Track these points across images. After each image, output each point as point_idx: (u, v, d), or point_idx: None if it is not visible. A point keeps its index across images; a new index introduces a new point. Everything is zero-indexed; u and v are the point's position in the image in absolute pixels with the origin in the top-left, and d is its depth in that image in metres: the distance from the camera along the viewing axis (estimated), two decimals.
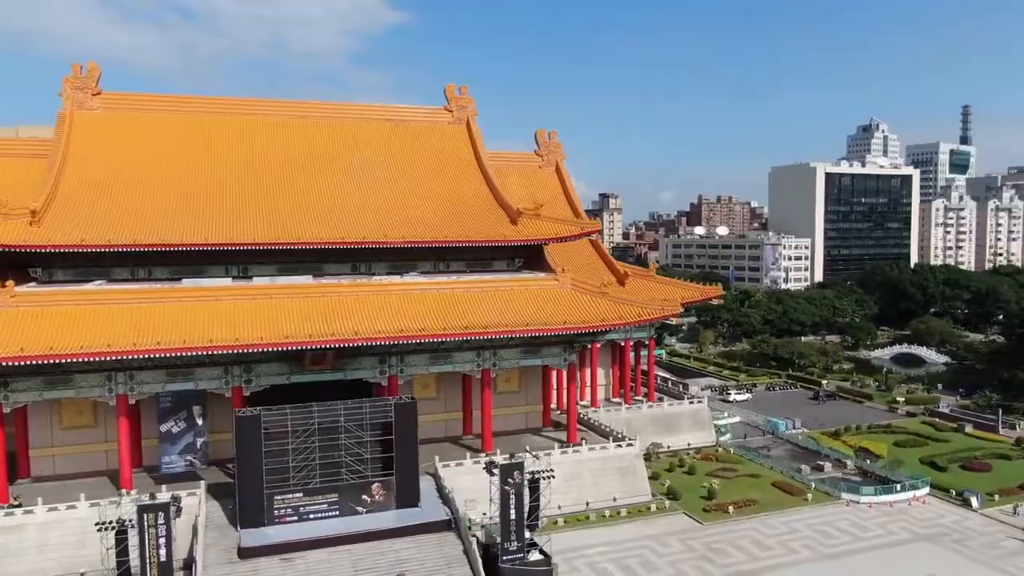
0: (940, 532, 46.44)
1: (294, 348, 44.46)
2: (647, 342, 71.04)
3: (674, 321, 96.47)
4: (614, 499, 51.69)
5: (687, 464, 59.14)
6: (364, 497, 43.36)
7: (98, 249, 49.95)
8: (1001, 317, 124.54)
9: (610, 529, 47.44)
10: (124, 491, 43.82)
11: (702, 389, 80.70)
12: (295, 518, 41.88)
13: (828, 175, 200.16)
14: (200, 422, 46.95)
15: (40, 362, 40.32)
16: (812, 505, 50.93)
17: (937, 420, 72.30)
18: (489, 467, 40.45)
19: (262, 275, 55.43)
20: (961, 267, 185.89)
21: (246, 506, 41.07)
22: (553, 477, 41.04)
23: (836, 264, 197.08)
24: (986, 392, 77.49)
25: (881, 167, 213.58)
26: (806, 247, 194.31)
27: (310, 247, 53.18)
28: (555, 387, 63.34)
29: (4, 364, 39.94)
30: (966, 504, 50.56)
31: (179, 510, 35.82)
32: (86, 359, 40.96)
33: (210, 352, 43.66)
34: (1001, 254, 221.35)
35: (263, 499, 41.31)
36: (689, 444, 65.11)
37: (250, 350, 43.64)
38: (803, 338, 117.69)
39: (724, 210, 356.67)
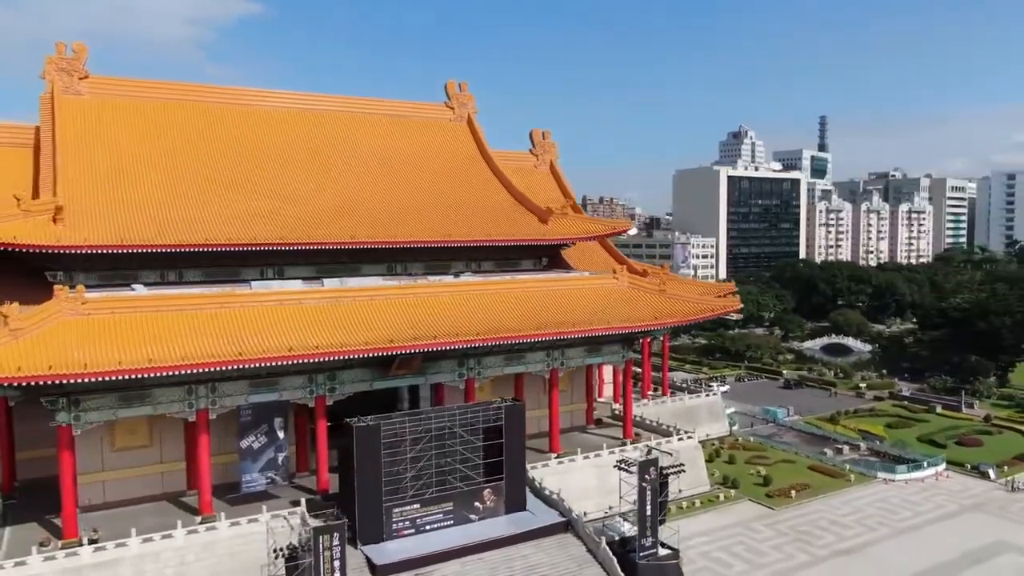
0: (979, 502, 51.37)
1: (396, 352, 42.41)
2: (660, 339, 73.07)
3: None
4: (679, 491, 52.93)
5: (723, 454, 61.60)
6: (476, 504, 42.04)
7: (145, 250, 45.40)
8: (909, 310, 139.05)
9: (694, 520, 48.71)
10: (204, 516, 40.07)
11: (680, 382, 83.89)
12: (412, 531, 39.95)
13: (729, 178, 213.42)
14: (281, 435, 43.48)
15: (127, 376, 36.08)
16: (856, 485, 54.71)
17: (906, 403, 79.50)
18: (622, 464, 40.53)
19: (296, 277, 52.31)
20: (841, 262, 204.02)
21: (365, 522, 38.69)
22: (684, 471, 41.72)
23: (737, 262, 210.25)
24: (941, 376, 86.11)
25: (775, 171, 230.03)
26: (711, 246, 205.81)
27: (398, 246, 52.78)
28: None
29: (82, 381, 35.50)
30: (984, 476, 56.20)
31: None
32: (177, 372, 37.12)
33: (301, 360, 40.77)
34: (872, 251, 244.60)
35: (382, 513, 39.13)
36: (708, 435, 67.68)
37: (353, 355, 41.15)
38: (731, 331, 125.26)
39: (606, 210, 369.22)
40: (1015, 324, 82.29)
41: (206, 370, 37.99)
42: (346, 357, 41.26)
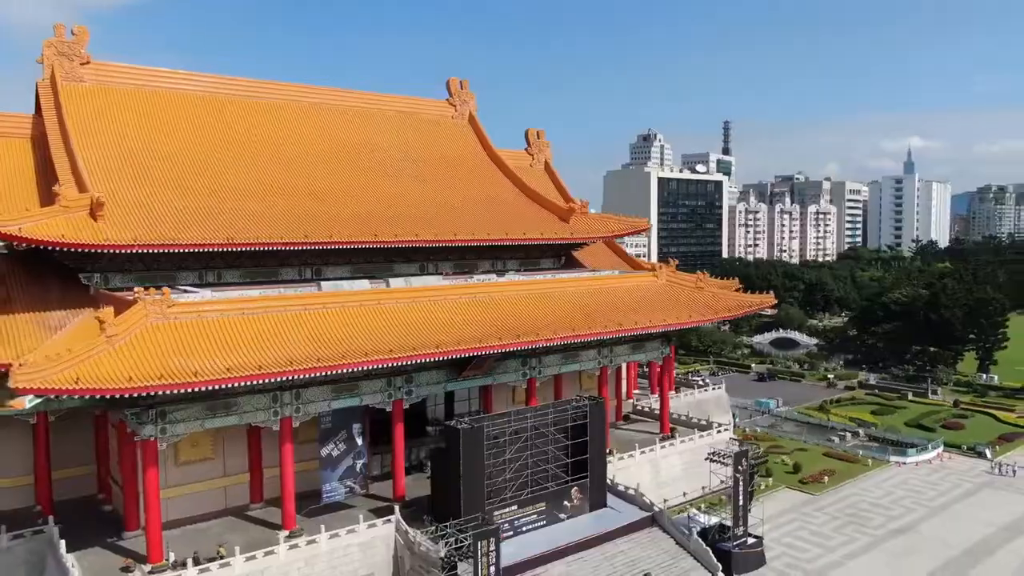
0: (988, 480, 55.78)
1: (482, 353, 41.69)
2: None
3: None
4: (721, 481, 54.62)
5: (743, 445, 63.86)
6: (565, 503, 41.96)
7: (199, 250, 42.74)
8: (836, 304, 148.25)
9: None
10: (291, 530, 38.02)
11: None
12: (512, 533, 39.37)
13: (659, 179, 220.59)
14: (360, 442, 41.69)
15: (228, 385, 33.73)
16: (874, 469, 58.14)
17: (876, 391, 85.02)
18: (714, 456, 41.52)
19: (336, 277, 50.53)
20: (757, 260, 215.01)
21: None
22: (765, 461, 43.12)
23: (666, 261, 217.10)
24: (904, 366, 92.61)
25: (701, 173, 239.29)
26: (644, 245, 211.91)
27: (451, 245, 52.24)
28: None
29: (173, 392, 32.91)
30: (980, 456, 61.05)
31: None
32: (280, 378, 35.10)
33: (387, 364, 39.35)
34: (785, 250, 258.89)
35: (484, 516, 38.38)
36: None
37: (443, 357, 40.10)
38: None
39: None
40: (965, 316, 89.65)
41: (297, 376, 36.16)
42: (425, 360, 40.19)
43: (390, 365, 39.27)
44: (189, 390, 32.66)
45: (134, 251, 40.69)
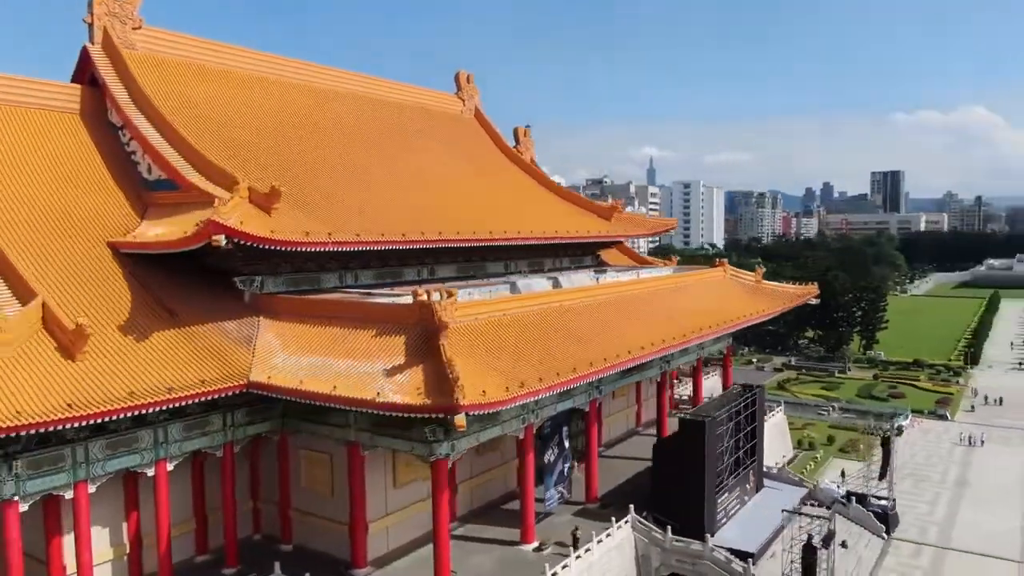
0: (973, 435, 66.62)
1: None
2: None
3: None
4: (783, 456, 59.84)
5: None
6: (747, 486, 44.07)
7: (381, 247, 38.84)
8: None
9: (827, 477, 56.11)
10: (527, 545, 36.09)
11: None
12: (725, 519, 40.70)
13: None
14: (567, 445, 40.21)
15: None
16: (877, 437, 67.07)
17: (803, 371, 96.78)
18: (885, 442, 46.25)
19: (446, 276, 48.22)
20: None
21: (704, 517, 38.48)
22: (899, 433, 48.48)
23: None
24: (817, 346, 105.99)
25: None
26: None
27: (538, 243, 51.97)
28: None
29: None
30: (942, 418, 72.93)
31: None
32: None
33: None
34: None
35: (715, 506, 39.29)
36: None
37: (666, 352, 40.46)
38: None
39: None
40: (853, 299, 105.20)
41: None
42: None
43: None
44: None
45: (326, 249, 35.92)
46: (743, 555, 36.73)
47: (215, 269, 36.57)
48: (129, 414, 27.16)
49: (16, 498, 26.35)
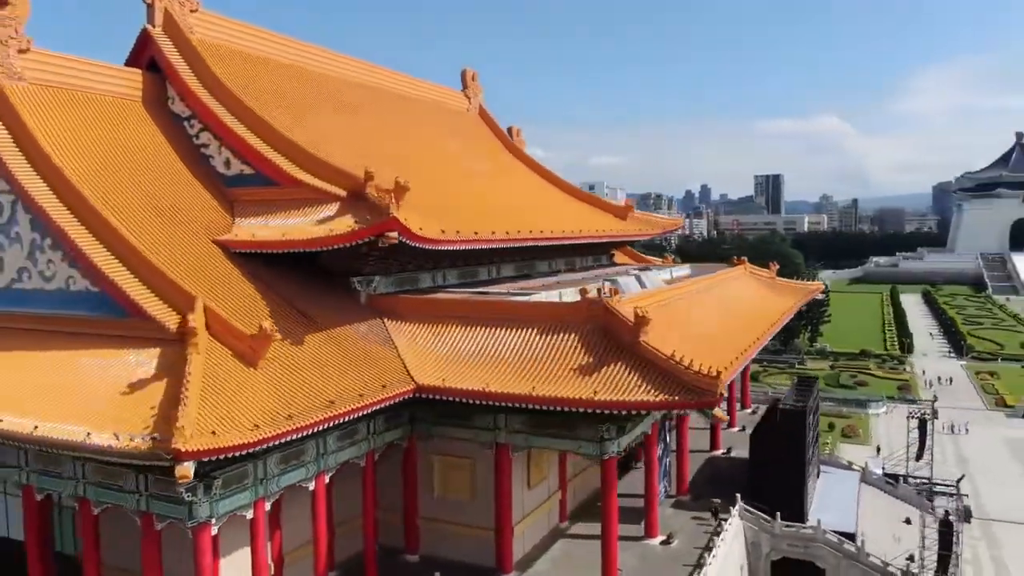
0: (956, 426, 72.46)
1: None
2: None
3: None
4: None
5: None
6: (815, 471, 46.25)
7: (495, 246, 38.27)
8: None
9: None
10: (654, 539, 36.49)
11: None
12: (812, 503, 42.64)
13: None
14: (668, 439, 40.77)
15: None
16: (870, 421, 72.01)
17: (765, 363, 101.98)
18: (921, 425, 49.53)
19: (508, 276, 47.98)
20: None
21: (805, 503, 40.22)
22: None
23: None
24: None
25: None
26: None
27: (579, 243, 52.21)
28: None
29: None
30: (913, 402, 78.90)
31: None
32: None
33: None
34: None
35: (807, 492, 41.06)
36: None
37: None
38: None
39: None
40: None
41: None
42: None
43: None
44: None
45: (457, 248, 35.02)
46: (845, 535, 38.75)
47: (329, 270, 34.73)
48: (331, 424, 25.44)
49: (212, 520, 24.08)
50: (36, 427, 22.65)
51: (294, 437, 24.10)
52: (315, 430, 24.98)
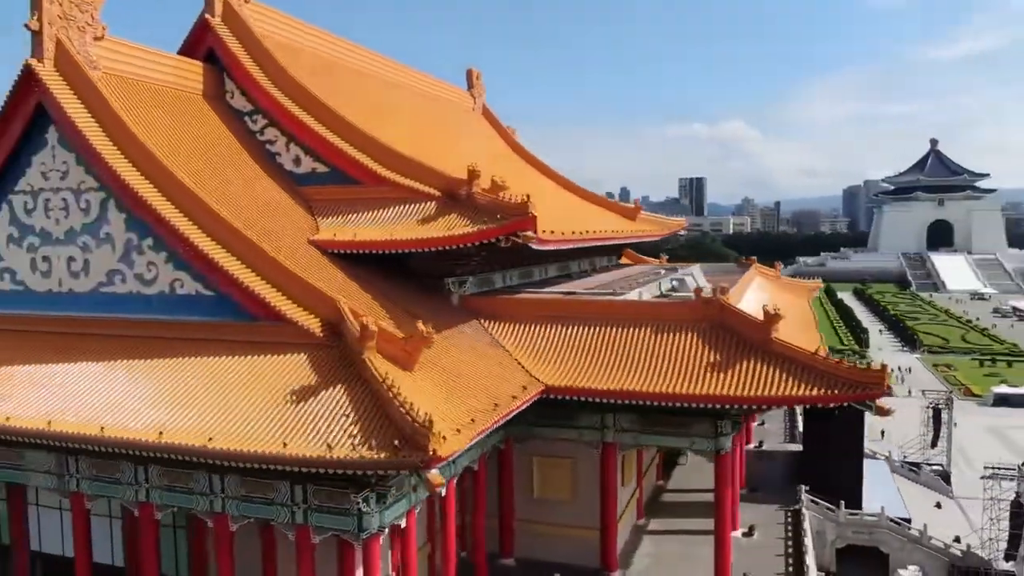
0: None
1: None
2: None
3: None
4: None
5: None
6: None
7: (577, 245, 38.49)
8: None
9: None
10: (734, 532, 37.43)
11: None
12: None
13: None
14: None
15: None
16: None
17: None
18: (936, 414, 52.32)
19: (551, 275, 48.33)
20: None
21: (863, 491, 41.90)
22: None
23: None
24: None
25: None
26: None
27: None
28: None
29: None
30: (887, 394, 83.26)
31: None
32: None
33: None
34: None
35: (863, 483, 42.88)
36: None
37: None
38: None
39: None
40: None
41: None
42: None
43: None
44: None
45: (553, 248, 35.00)
46: (902, 520, 40.75)
47: (415, 271, 34.07)
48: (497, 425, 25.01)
49: (383, 530, 23.27)
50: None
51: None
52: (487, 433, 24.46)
